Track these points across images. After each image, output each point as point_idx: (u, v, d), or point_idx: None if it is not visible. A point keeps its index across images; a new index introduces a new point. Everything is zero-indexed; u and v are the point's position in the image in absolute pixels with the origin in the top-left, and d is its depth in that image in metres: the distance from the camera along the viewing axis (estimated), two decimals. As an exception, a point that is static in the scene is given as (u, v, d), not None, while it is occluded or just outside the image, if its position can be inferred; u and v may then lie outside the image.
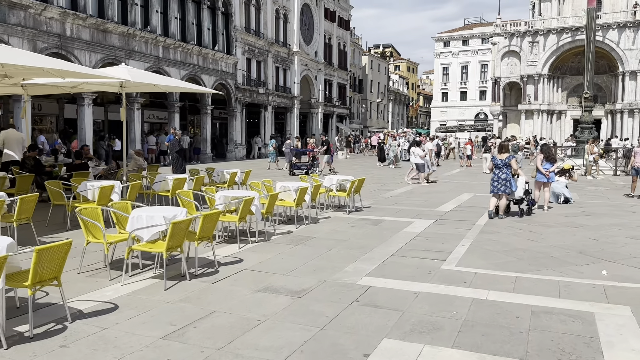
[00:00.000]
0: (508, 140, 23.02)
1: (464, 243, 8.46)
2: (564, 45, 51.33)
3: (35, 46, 19.78)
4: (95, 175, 12.19)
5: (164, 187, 10.77)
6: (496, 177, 11.00)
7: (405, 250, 7.90)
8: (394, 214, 11.46)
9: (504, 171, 10.94)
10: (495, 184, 11.01)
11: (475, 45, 75.21)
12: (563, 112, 53.71)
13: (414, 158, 18.22)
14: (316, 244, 8.29)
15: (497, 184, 10.98)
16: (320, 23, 45.62)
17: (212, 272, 6.50)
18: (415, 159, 18.08)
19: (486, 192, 15.90)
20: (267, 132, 37.97)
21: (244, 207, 7.77)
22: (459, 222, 10.52)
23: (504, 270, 6.82)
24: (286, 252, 7.66)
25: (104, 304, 5.27)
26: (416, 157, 18.03)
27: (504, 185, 10.90)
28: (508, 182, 10.89)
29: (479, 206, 12.85)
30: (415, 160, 18.11)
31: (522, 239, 8.92)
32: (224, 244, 8.08)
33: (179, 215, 6.20)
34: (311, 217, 10.46)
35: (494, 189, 11.05)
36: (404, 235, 9.10)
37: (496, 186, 11.00)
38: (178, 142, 18.01)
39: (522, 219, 10.86)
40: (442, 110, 76.33)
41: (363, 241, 8.54)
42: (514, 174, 11.12)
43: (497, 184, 10.97)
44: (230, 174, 12.72)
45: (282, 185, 9.99)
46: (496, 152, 17.84)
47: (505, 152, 11.22)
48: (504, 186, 10.91)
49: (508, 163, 10.98)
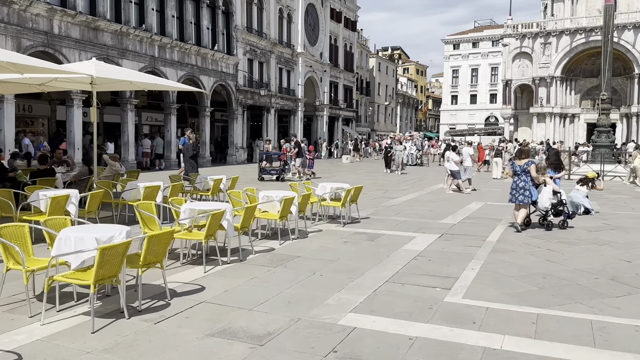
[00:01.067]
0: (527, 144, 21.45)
1: (473, 265, 7.19)
2: (578, 47, 49.77)
3: (20, 44, 18.76)
4: (65, 182, 11.05)
5: (135, 196, 9.59)
6: (514, 185, 9.85)
7: (403, 275, 6.65)
8: (394, 227, 10.20)
9: (523, 178, 9.76)
10: (513, 193, 9.86)
11: (486, 47, 73.79)
12: (576, 116, 52.10)
13: (448, 164, 16.80)
14: (299, 265, 7.06)
15: (515, 193, 9.82)
16: (326, 23, 44.45)
17: (162, 306, 5.29)
18: (450, 164, 16.62)
19: (497, 200, 14.68)
20: (270, 135, 36.78)
21: (212, 222, 6.56)
22: (468, 237, 9.24)
23: (522, 304, 5.56)
24: (260, 277, 6.43)
25: (4, 356, 4.07)
26: (451, 163, 16.58)
27: (522, 195, 9.72)
28: (527, 190, 9.71)
29: (489, 217, 11.57)
30: (450, 167, 16.64)
31: (541, 259, 7.63)
32: (189, 266, 6.87)
33: (117, 237, 5.00)
34: (300, 231, 9.24)
35: (512, 197, 9.89)
36: (404, 254, 7.85)
37: (514, 195, 9.84)
38: (193, 145, 16.84)
39: (540, 235, 9.55)
40: (452, 114, 74.87)
41: (354, 262, 7.29)
42: (539, 182, 9.89)
43: (516, 193, 9.81)
44: (214, 180, 11.50)
45: (265, 195, 8.77)
46: (508, 156, 16.54)
47: (524, 157, 9.99)
48: (522, 195, 9.72)
49: (527, 169, 9.75)
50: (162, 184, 10.07)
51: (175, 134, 27.76)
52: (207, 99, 29.53)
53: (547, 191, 10.01)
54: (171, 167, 26.29)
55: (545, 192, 9.99)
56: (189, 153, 16.59)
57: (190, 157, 16.61)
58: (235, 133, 32.54)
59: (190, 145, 16.82)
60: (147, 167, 25.42)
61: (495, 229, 10.01)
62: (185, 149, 16.83)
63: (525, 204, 9.82)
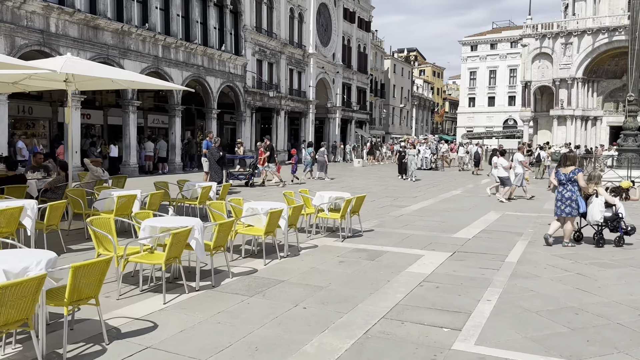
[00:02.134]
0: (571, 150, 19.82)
1: (489, 295, 6.01)
2: (600, 47, 47.93)
3: (14, 43, 17.97)
4: (40, 189, 10.08)
5: (109, 207, 8.57)
6: (560, 195, 8.79)
7: (404, 308, 5.50)
8: (400, 242, 9.04)
9: (569, 188, 8.68)
10: (558, 205, 8.79)
11: (504, 49, 72.13)
12: (598, 118, 50.21)
13: (496, 171, 15.56)
14: (280, 294, 5.94)
15: (560, 204, 8.76)
16: (339, 24, 43.33)
17: (94, 354, 4.21)
18: (499, 171, 15.37)
19: (516, 210, 13.43)
20: (280, 138, 35.79)
21: (174, 242, 5.49)
22: (484, 256, 8.05)
23: (551, 354, 4.39)
24: (230, 311, 5.33)
25: None
26: (499, 169, 15.32)
27: (569, 206, 8.64)
28: (574, 202, 8.61)
29: (508, 231, 10.34)
30: (499, 173, 15.39)
31: (571, 287, 6.42)
32: (150, 294, 5.79)
33: (33, 269, 3.94)
34: (291, 247, 8.14)
35: (557, 210, 8.85)
36: (407, 278, 6.70)
37: (559, 207, 8.77)
38: (217, 149, 15.96)
39: (567, 254, 8.31)
40: (469, 116, 73.24)
41: (348, 289, 6.17)
42: (589, 193, 8.83)
43: (561, 204, 8.75)
44: (202, 188, 10.42)
45: (249, 207, 7.67)
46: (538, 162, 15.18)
47: (570, 165, 8.86)
48: (569, 207, 8.66)
49: (573, 178, 8.63)
50: (140, 192, 9.03)
51: (180, 137, 26.87)
52: (213, 100, 28.58)
53: (599, 203, 8.79)
54: (175, 171, 25.39)
55: (596, 204, 8.79)
56: (214, 157, 15.67)
57: (216, 162, 15.73)
58: (243, 136, 31.52)
59: (215, 148, 15.96)
60: (150, 171, 24.53)
61: (516, 246, 8.80)
62: (210, 153, 15.94)
63: (573, 216, 8.72)
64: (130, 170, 23.04)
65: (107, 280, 5.99)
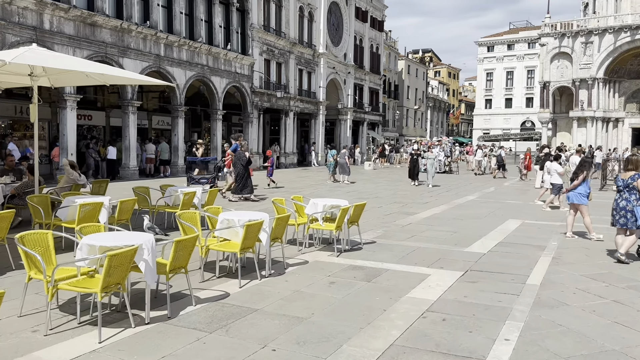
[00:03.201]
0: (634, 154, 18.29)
1: (508, 333, 4.83)
2: (622, 46, 46.23)
3: (5, 39, 17.17)
4: (6, 195, 9.12)
5: (73, 216, 7.55)
6: (615, 204, 7.78)
7: (400, 353, 4.36)
8: (404, 258, 7.89)
9: (625, 197, 7.62)
10: (614, 214, 7.80)
11: (521, 49, 70.49)
12: (620, 120, 48.43)
13: (549, 177, 14.15)
14: (248, 328, 4.83)
15: (615, 214, 7.75)
16: (351, 23, 42.18)
17: None
18: (552, 177, 13.87)
19: (537, 219, 12.18)
20: (289, 140, 34.74)
21: (115, 265, 4.40)
22: (501, 277, 6.86)
23: None
24: (178, 355, 4.23)
25: None
26: (553, 175, 13.82)
27: (624, 217, 7.59)
28: (630, 212, 7.52)
29: (529, 244, 9.12)
30: (553, 180, 13.89)
31: (608, 320, 5.23)
32: (88, 327, 4.72)
33: None
34: (277, 263, 7.04)
35: (612, 219, 7.85)
36: (408, 306, 5.55)
37: (614, 216, 7.77)
38: (245, 153, 14.62)
39: (598, 274, 7.08)
40: (485, 118, 71.66)
41: (333, 321, 5.04)
42: None
43: (616, 214, 7.74)
44: (185, 194, 9.34)
45: (224, 218, 6.58)
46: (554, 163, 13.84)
47: (631, 169, 7.75)
48: (623, 218, 7.62)
49: (631, 184, 7.56)
50: (109, 199, 7.99)
51: (184, 139, 25.94)
52: (218, 101, 27.62)
53: None
54: (178, 174, 24.41)
55: None
56: (241, 161, 14.23)
57: (243, 166, 14.30)
58: (250, 137, 30.50)
59: (243, 153, 14.49)
60: (151, 174, 23.62)
61: (538, 264, 7.59)
62: (237, 157, 14.43)
63: (629, 228, 7.60)
64: (130, 173, 22.16)
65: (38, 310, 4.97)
